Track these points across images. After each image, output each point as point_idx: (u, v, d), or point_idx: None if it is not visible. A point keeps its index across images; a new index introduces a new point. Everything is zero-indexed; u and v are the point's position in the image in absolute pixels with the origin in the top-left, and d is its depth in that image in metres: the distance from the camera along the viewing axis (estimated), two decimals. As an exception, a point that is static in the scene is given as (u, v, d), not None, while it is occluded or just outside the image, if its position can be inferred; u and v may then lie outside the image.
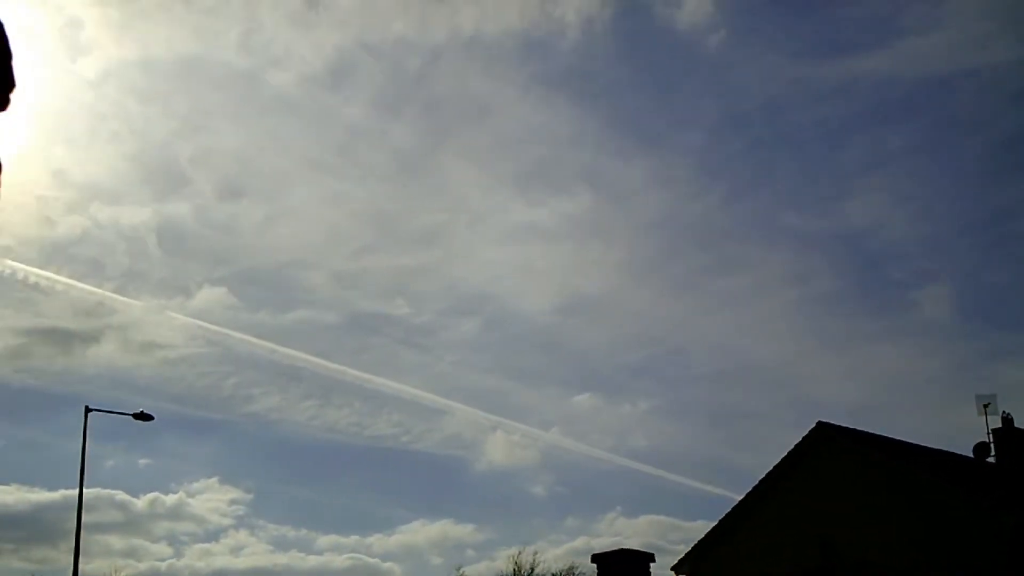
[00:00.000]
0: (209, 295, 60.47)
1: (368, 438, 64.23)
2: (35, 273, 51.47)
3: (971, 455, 27.16)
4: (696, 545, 26.77)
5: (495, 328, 71.27)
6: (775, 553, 24.82)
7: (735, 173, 68.26)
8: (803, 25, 64.72)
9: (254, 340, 58.02)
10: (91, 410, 28.83)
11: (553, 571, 44.43)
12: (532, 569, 43.89)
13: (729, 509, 26.53)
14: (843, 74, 63.12)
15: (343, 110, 66.04)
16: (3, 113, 4.82)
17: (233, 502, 58.13)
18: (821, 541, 23.77)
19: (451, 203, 69.57)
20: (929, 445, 27.01)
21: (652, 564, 17.69)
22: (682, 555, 27.00)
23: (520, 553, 44.24)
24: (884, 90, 64.50)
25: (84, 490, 28.03)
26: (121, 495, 55.02)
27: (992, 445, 27.04)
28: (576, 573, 43.43)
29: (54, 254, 60.71)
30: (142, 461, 63.25)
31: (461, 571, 46.15)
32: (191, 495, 57.89)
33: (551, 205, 68.46)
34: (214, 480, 59.32)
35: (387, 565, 56.94)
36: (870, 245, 64.82)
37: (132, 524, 56.16)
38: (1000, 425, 27.09)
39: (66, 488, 51.97)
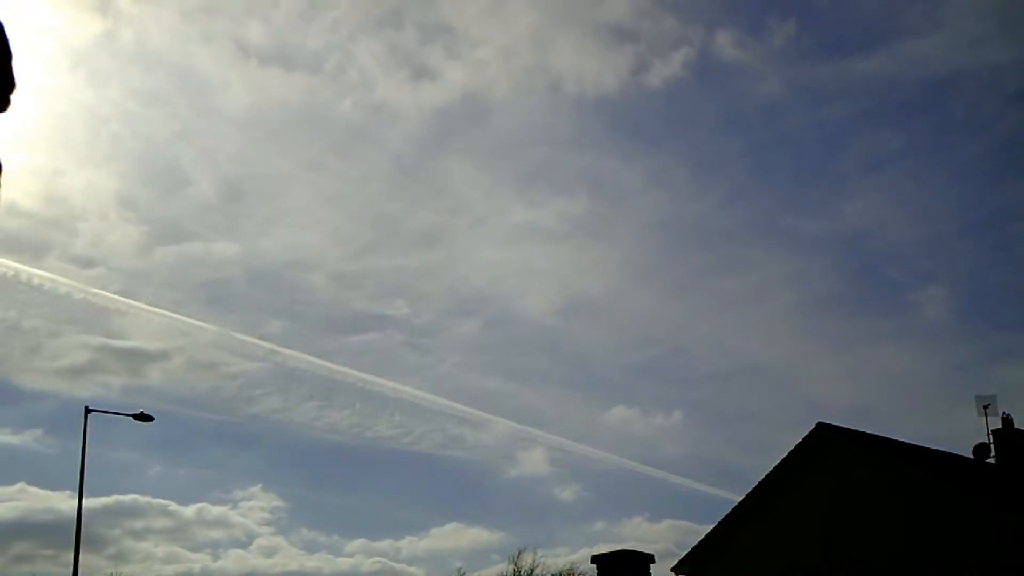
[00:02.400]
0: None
1: (374, 439, 64.42)
2: (113, 299, 54.22)
3: (971, 456, 27.16)
4: (696, 545, 26.76)
5: (496, 329, 71.35)
6: (775, 553, 24.82)
7: (734, 174, 68.37)
8: (803, 26, 64.81)
9: (256, 342, 58.02)
10: (91, 411, 28.81)
11: (553, 572, 44.48)
12: (532, 570, 43.94)
13: (729, 510, 26.60)
14: (842, 75, 63.24)
15: (347, 113, 66.76)
16: (3, 114, 4.83)
17: (275, 509, 59.45)
18: (821, 541, 23.77)
19: (451, 204, 69.65)
20: (929, 445, 27.06)
21: (652, 565, 17.67)
22: (682, 555, 27.02)
23: (520, 554, 44.28)
24: (883, 91, 64.62)
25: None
26: (168, 503, 56.30)
27: (992, 446, 27.04)
28: (576, 574, 43.46)
29: (142, 281, 63.16)
30: (182, 470, 64.95)
31: (463, 573, 46.24)
32: (236, 502, 59.26)
33: (551, 206, 68.56)
34: (258, 487, 60.39)
35: (412, 569, 57.31)
36: (869, 246, 64.90)
37: (176, 531, 57.43)
38: (1000, 426, 27.09)
39: (119, 494, 55.00)
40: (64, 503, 51.77)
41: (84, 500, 27.94)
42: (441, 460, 66.48)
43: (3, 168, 4.88)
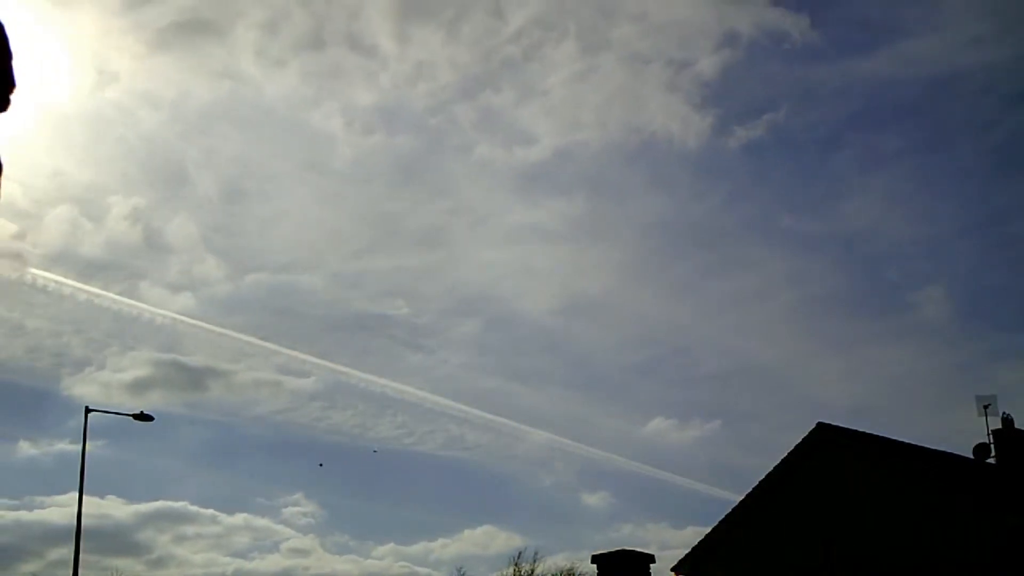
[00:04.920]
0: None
1: (377, 440, 64.44)
2: (188, 323, 56.74)
3: (971, 456, 27.16)
4: (696, 545, 26.73)
5: (497, 329, 71.39)
6: (775, 553, 24.82)
7: (734, 175, 68.39)
8: (800, 26, 64.77)
9: (256, 341, 58.06)
10: (91, 410, 28.85)
11: (554, 572, 44.45)
12: (532, 571, 43.92)
13: (729, 510, 26.57)
14: (841, 75, 63.24)
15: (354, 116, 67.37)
16: (3, 113, 4.84)
17: (315, 515, 59.99)
18: (821, 541, 23.77)
19: (451, 204, 69.64)
20: (929, 445, 27.05)
21: (652, 565, 17.69)
22: (682, 555, 27.00)
23: (520, 554, 44.27)
24: (882, 91, 64.62)
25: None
26: (217, 513, 57.01)
27: (992, 446, 27.05)
28: (576, 574, 43.45)
29: (233, 307, 64.92)
30: (214, 475, 65.95)
31: (463, 573, 46.24)
32: (278, 509, 60.04)
33: (551, 206, 68.57)
34: (299, 495, 60.92)
35: (436, 574, 57.48)
36: (868, 246, 64.96)
37: (220, 537, 58.02)
38: (1000, 426, 27.10)
39: (168, 499, 55.87)
40: (112, 509, 53.12)
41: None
42: (468, 465, 66.92)
43: (3, 168, 4.89)
